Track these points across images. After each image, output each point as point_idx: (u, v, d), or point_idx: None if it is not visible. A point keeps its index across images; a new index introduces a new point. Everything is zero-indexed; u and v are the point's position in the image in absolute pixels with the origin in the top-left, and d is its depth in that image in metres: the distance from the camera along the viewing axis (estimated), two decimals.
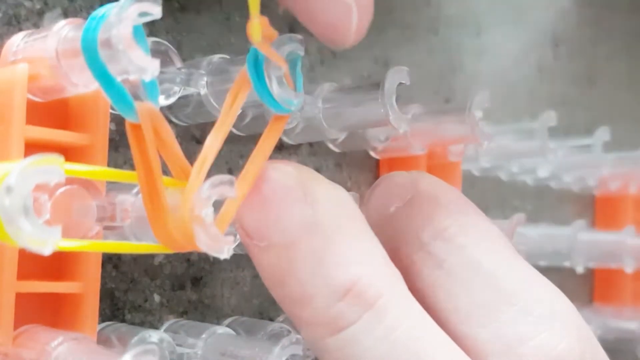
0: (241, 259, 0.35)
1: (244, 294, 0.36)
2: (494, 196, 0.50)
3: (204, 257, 0.34)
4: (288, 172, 0.25)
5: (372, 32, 0.42)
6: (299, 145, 0.38)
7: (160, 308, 0.32)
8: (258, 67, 0.25)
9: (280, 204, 0.24)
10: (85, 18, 0.28)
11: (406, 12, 0.45)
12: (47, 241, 0.19)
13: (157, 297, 0.32)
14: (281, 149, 0.37)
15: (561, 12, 0.56)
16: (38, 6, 0.29)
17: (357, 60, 0.41)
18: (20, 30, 0.28)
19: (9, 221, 0.19)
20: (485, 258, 0.25)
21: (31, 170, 0.19)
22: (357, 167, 0.40)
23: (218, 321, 0.34)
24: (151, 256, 0.32)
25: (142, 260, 0.32)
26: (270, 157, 0.25)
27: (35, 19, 0.29)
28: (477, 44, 0.50)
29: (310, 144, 0.38)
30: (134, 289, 0.31)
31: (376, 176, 0.41)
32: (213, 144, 0.24)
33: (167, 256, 0.33)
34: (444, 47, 0.47)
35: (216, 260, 0.34)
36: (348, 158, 0.40)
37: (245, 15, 0.36)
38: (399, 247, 0.26)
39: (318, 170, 0.38)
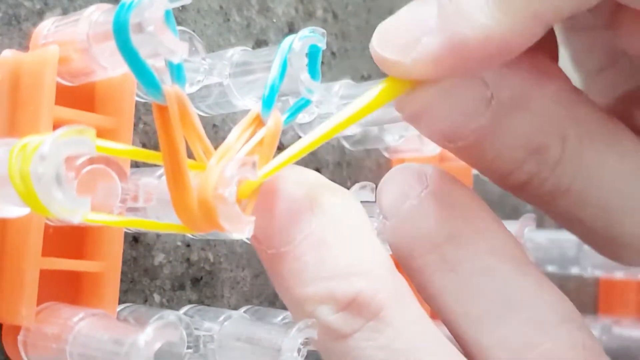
0: (241, 259, 0.36)
1: (244, 294, 0.36)
2: (494, 198, 0.50)
3: (204, 257, 0.34)
4: (296, 181, 0.25)
5: (372, 32, 0.43)
6: None
7: (161, 308, 0.32)
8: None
9: (287, 214, 0.25)
10: None
11: None
12: (77, 211, 0.20)
13: (157, 297, 0.32)
14: (281, 149, 0.37)
15: None
16: (38, 6, 0.29)
17: (356, 59, 0.42)
18: (21, 30, 0.28)
19: (41, 189, 0.19)
20: (498, 265, 0.26)
21: (64, 140, 0.20)
22: (357, 167, 0.41)
23: None
24: (151, 256, 0.32)
25: (142, 260, 0.32)
26: None
27: (35, 19, 0.29)
28: None
29: None
30: (134, 289, 0.32)
31: (375, 176, 0.41)
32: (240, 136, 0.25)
33: (167, 256, 0.33)
34: None
35: (216, 261, 0.35)
36: (348, 158, 0.40)
37: (244, 15, 0.37)
38: (412, 246, 0.26)
39: (318, 170, 0.39)
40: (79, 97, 0.27)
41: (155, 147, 0.32)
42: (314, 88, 0.26)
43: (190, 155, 0.24)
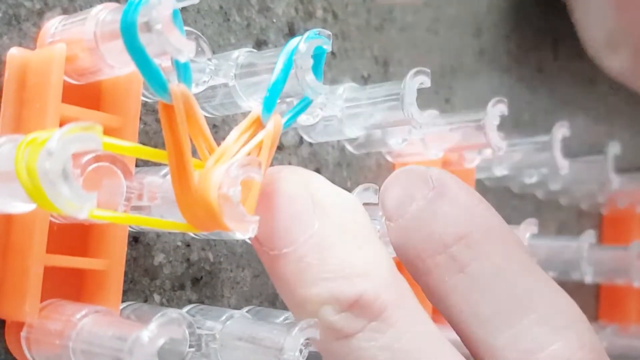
0: (241, 259, 0.36)
1: (244, 294, 0.36)
2: (494, 204, 0.50)
3: (204, 257, 0.34)
4: (298, 182, 0.25)
5: (372, 32, 0.43)
6: (298, 145, 0.38)
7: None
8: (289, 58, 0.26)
9: (289, 216, 0.25)
10: None
11: (406, 12, 0.46)
12: (83, 206, 0.20)
13: (157, 297, 0.32)
14: (281, 149, 0.37)
15: (561, 12, 0.56)
16: (38, 6, 0.29)
17: (357, 59, 0.42)
18: (21, 30, 0.28)
19: (48, 184, 0.20)
20: (507, 266, 0.26)
21: (71, 136, 0.20)
22: (357, 167, 0.41)
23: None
24: (151, 256, 0.32)
25: (142, 260, 0.32)
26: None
27: (35, 19, 0.29)
28: (477, 44, 0.51)
29: (310, 144, 0.39)
30: (134, 289, 0.32)
31: (375, 177, 0.41)
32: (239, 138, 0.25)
33: (167, 256, 0.33)
34: (443, 47, 0.48)
35: (216, 260, 0.35)
36: (348, 158, 0.40)
37: (244, 15, 0.37)
38: (420, 247, 0.26)
39: (318, 170, 0.39)
40: (86, 95, 0.27)
41: (156, 148, 0.32)
42: (320, 90, 0.26)
43: (195, 154, 0.24)
